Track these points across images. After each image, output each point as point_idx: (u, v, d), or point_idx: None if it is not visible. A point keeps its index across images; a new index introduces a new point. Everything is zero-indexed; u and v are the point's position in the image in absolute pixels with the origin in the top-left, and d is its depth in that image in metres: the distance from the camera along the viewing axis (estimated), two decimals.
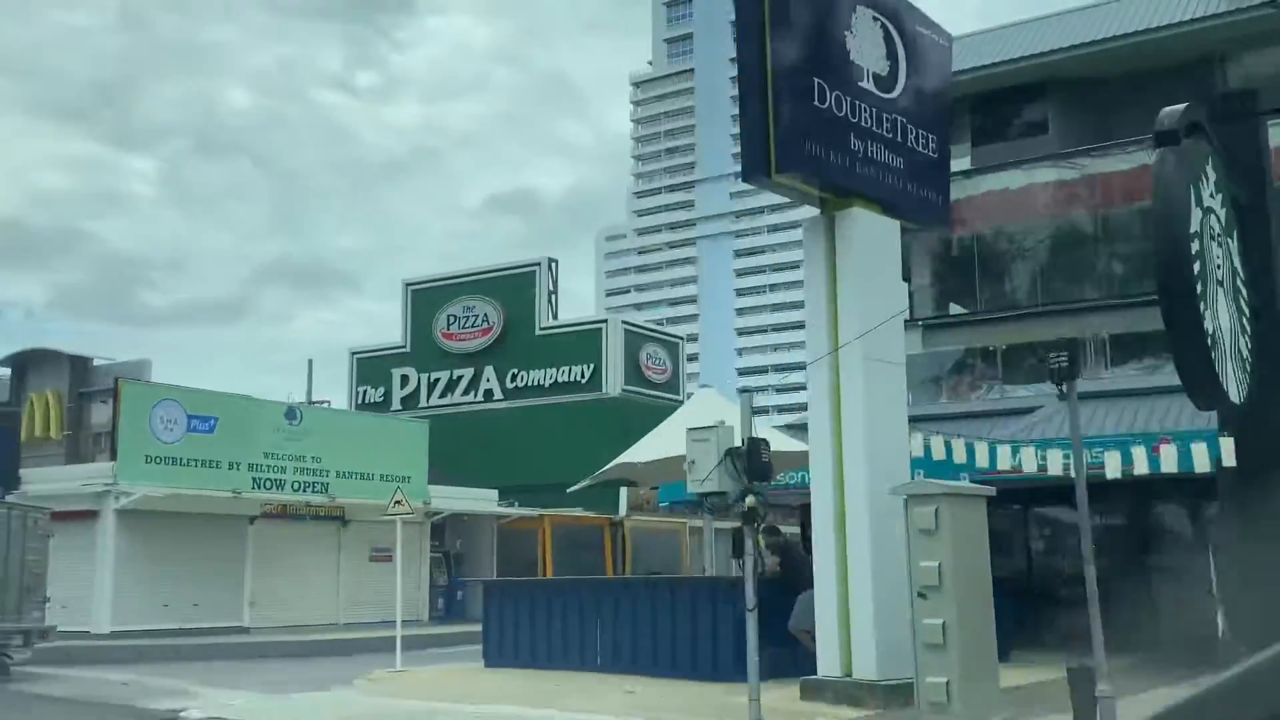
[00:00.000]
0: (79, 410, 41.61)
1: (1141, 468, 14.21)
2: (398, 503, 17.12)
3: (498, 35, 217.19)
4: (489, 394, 36.23)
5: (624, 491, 33.25)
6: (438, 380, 36.86)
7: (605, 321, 36.25)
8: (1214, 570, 15.55)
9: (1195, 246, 11.78)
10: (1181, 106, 12.05)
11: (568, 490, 19.28)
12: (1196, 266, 11.62)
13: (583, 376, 34.92)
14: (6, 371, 44.68)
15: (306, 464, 26.26)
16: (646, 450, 17.06)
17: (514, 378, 35.92)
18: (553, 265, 36.85)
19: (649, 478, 18.88)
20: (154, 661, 20.53)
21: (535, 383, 35.58)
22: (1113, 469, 14.35)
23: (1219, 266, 12.87)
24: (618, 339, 35.21)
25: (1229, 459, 13.52)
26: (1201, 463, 13.83)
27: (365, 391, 37.47)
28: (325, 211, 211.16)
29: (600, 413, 34.44)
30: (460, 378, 36.59)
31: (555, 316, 37.00)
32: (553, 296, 36.42)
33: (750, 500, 9.79)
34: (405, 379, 37.28)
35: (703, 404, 18.36)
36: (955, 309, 22.90)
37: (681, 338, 39.19)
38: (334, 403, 34.41)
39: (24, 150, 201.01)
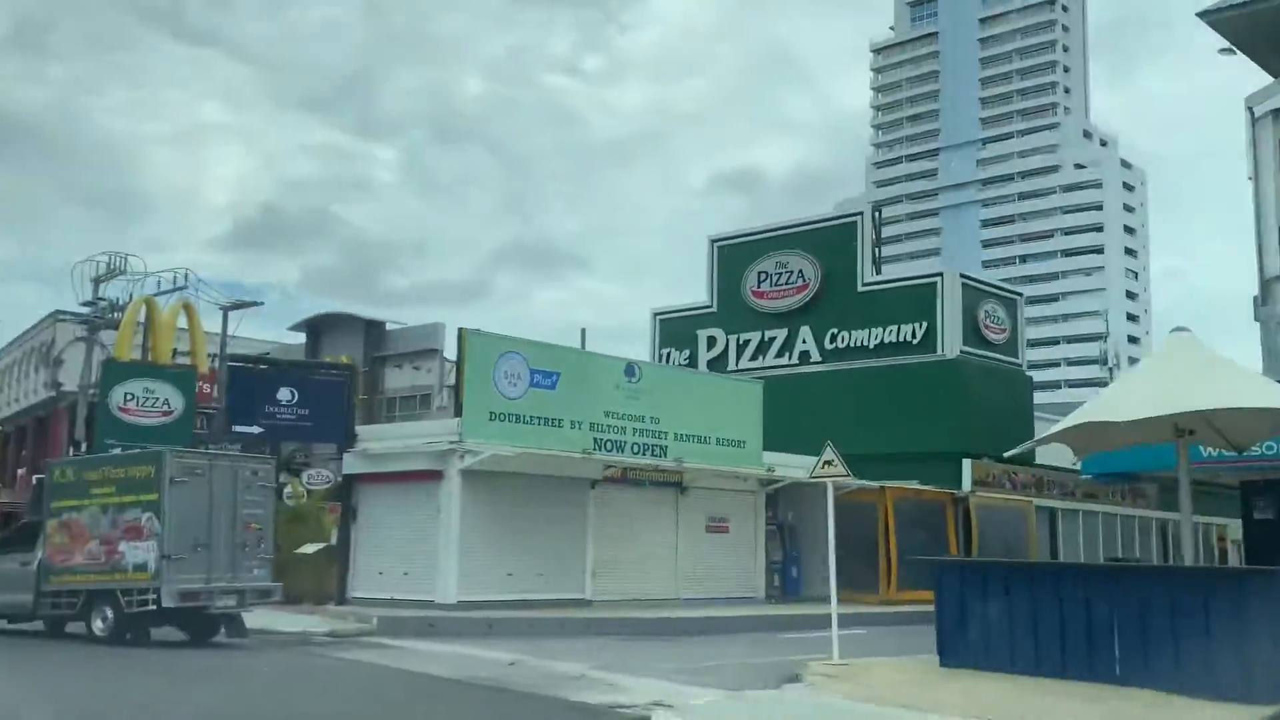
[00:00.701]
0: (373, 374, 41.27)
1: None
2: (829, 463, 14.39)
3: (722, 13, 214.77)
4: (805, 356, 33.37)
5: (967, 464, 29.88)
6: (748, 342, 34.26)
7: (940, 275, 32.62)
8: None
9: None
10: None
11: (1004, 455, 16.08)
12: None
13: (914, 337, 31.58)
14: (302, 337, 44.96)
15: (645, 425, 24.05)
16: (1124, 406, 13.51)
17: (834, 339, 32.92)
18: (876, 215, 33.65)
19: (1113, 440, 15.42)
20: (507, 637, 18.70)
21: (858, 344, 32.48)
22: None
23: None
24: (955, 295, 31.63)
25: None
26: None
27: (669, 354, 35.27)
28: (555, 194, 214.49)
29: (935, 376, 31.03)
30: (773, 339, 33.89)
31: (879, 271, 33.77)
32: (877, 250, 33.19)
33: None
34: (712, 341, 34.87)
35: (1181, 351, 14.74)
36: None
37: (1019, 294, 35.22)
38: None
39: (277, 140, 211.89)
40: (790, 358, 33.64)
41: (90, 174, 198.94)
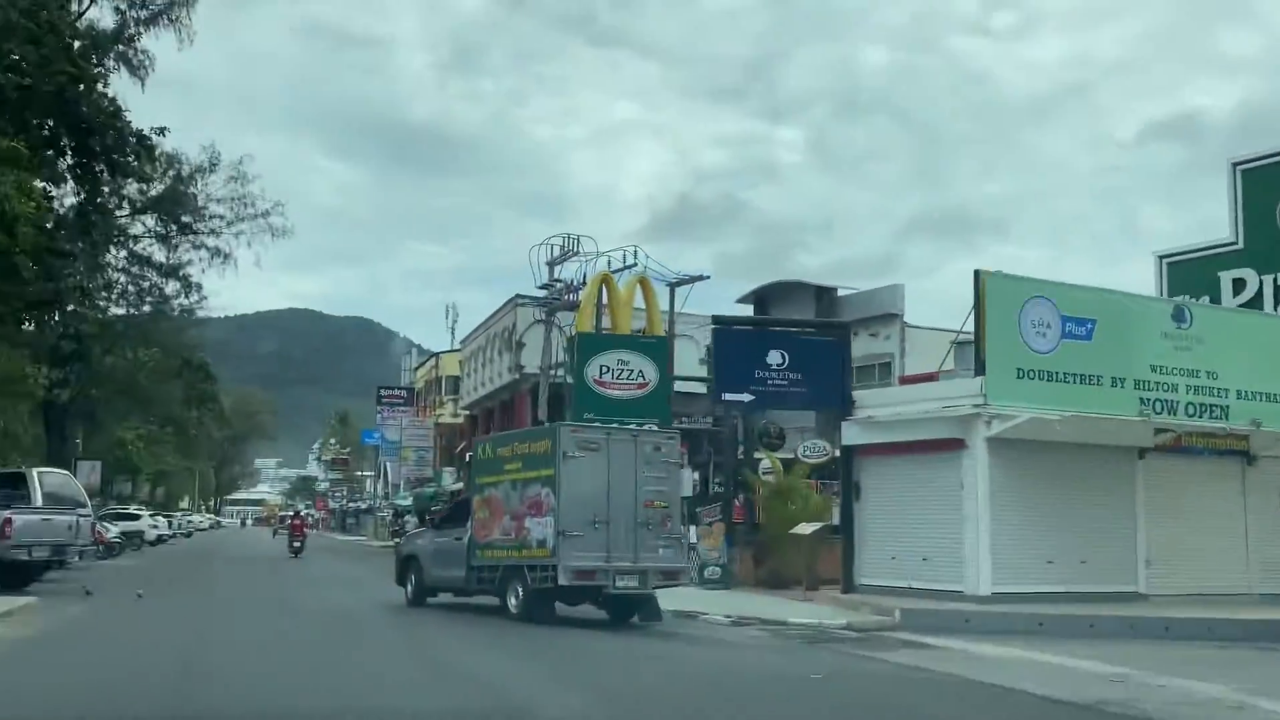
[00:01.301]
0: None
1: None
2: None
3: None
4: None
5: None
6: None
7: None
8: None
9: None
10: None
11: None
12: None
13: None
14: (749, 309, 43.30)
15: (1201, 380, 19.63)
16: None
17: None
18: None
19: None
20: (1062, 637, 15.47)
21: None
22: None
23: None
24: None
25: None
26: None
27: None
28: (966, 160, 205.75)
29: None
30: None
31: None
32: None
33: None
34: (1239, 283, 29.06)
35: None
36: None
37: None
38: None
39: (689, 132, 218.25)
40: None
41: (522, 181, 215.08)
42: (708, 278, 38.77)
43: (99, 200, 36.73)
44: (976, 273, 18.23)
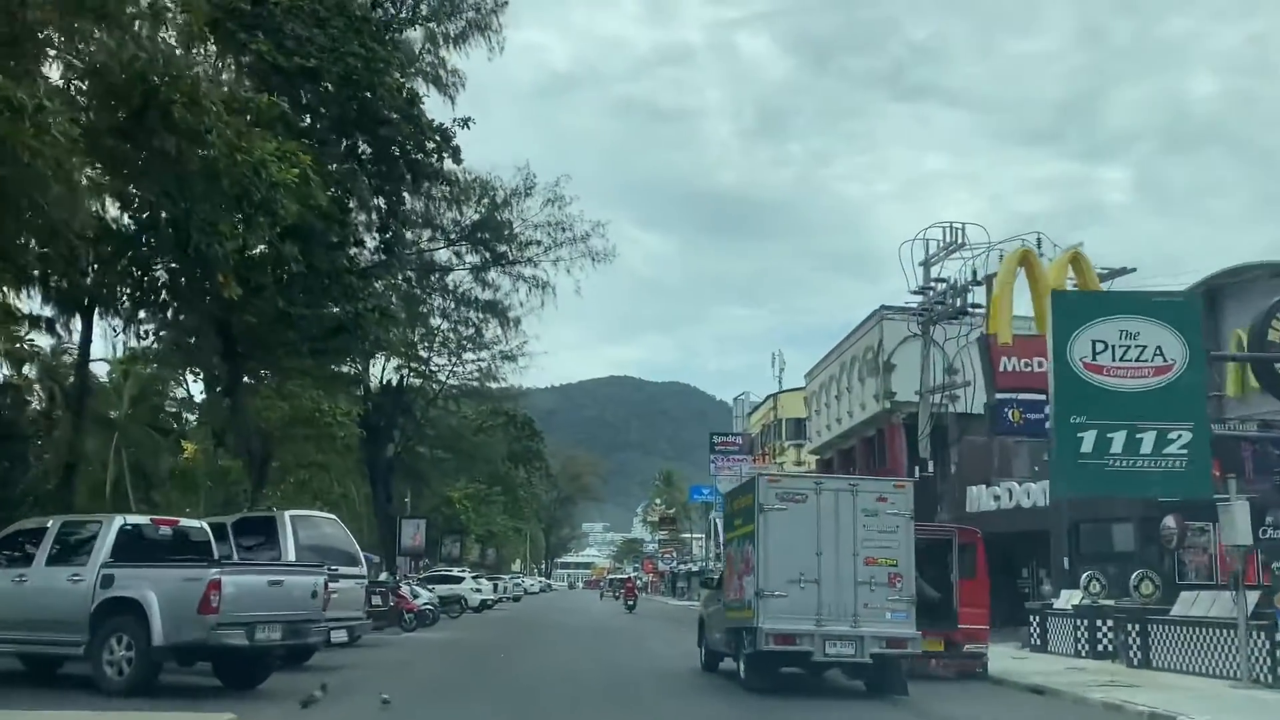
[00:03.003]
0: None
1: None
2: None
3: None
4: None
5: None
6: None
7: None
8: None
9: None
10: None
11: None
12: None
13: None
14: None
15: None
16: None
17: None
18: None
19: None
20: None
21: None
22: None
23: None
24: None
25: None
26: None
27: None
28: None
29: None
30: None
31: None
32: None
33: None
34: None
35: None
36: None
37: None
38: None
39: (1002, 178, 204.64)
40: None
41: (830, 240, 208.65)
42: (1134, 270, 29.92)
43: (402, 208, 31.96)
44: None
